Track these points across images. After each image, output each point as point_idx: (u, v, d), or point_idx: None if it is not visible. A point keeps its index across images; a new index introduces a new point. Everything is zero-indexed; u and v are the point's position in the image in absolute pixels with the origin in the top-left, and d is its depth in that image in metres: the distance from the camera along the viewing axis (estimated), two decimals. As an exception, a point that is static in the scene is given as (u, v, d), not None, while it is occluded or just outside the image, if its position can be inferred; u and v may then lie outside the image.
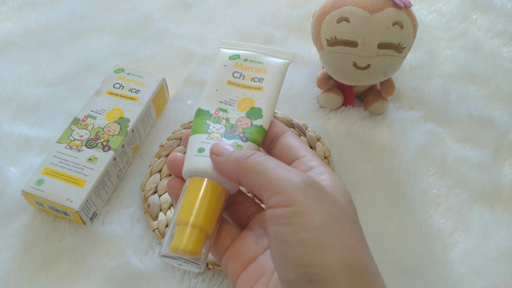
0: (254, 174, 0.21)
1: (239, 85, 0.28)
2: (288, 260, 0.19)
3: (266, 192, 0.20)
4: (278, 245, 0.19)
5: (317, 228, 0.19)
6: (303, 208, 0.19)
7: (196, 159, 0.24)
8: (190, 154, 0.25)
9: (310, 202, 0.19)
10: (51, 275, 0.35)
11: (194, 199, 0.23)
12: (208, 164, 0.24)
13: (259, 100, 0.27)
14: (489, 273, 0.36)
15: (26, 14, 0.57)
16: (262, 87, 0.27)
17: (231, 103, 0.27)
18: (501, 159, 0.44)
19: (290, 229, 0.19)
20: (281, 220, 0.19)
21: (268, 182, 0.20)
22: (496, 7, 0.61)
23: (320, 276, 0.18)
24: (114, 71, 0.45)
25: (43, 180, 0.37)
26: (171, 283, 0.35)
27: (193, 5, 0.60)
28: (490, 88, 0.51)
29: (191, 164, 0.24)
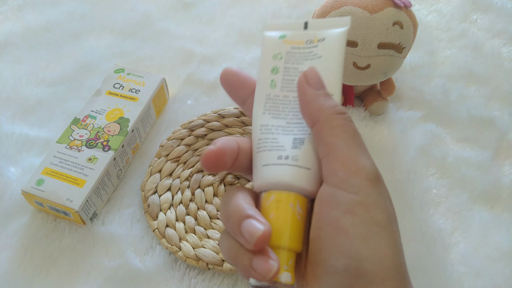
0: (334, 135, 0.19)
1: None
2: (342, 250, 0.18)
3: (335, 163, 0.19)
4: (334, 233, 0.18)
5: (378, 226, 0.18)
6: (369, 202, 0.18)
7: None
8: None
9: (377, 197, 0.19)
10: (51, 275, 0.35)
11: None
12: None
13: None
14: (489, 273, 0.36)
15: (26, 14, 0.57)
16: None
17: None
18: (501, 159, 0.44)
19: (350, 219, 0.18)
20: (343, 207, 0.18)
21: (343, 155, 0.19)
22: (496, 7, 0.61)
23: (370, 272, 0.17)
24: (114, 71, 0.45)
25: (43, 180, 0.37)
26: (171, 283, 0.35)
27: (193, 5, 0.60)
28: (490, 88, 0.51)
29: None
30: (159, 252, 0.37)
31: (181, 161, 0.41)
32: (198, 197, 0.39)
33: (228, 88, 0.23)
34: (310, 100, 0.20)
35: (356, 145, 0.19)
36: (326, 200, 0.19)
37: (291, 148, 0.21)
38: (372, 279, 0.17)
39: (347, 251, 0.18)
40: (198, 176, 0.41)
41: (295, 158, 0.21)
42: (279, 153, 0.21)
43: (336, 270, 0.18)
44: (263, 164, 0.21)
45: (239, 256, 0.19)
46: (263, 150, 0.21)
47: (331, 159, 0.19)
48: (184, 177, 0.40)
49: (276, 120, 0.22)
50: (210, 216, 0.38)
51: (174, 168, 0.41)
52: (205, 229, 0.37)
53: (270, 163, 0.21)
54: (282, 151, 0.21)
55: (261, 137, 0.22)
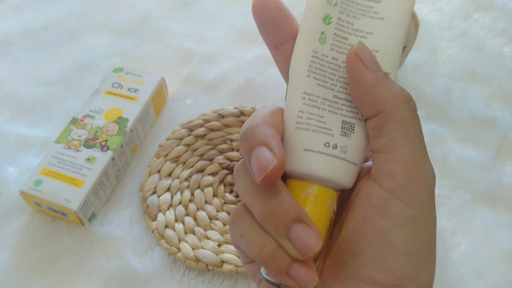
0: (401, 130, 0.17)
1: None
2: (384, 263, 0.17)
3: (396, 165, 0.16)
4: (378, 243, 0.17)
5: (425, 244, 0.17)
6: (424, 217, 0.17)
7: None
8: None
9: (431, 212, 0.17)
10: (50, 276, 0.35)
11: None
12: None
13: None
14: (491, 274, 0.36)
15: (24, 13, 0.57)
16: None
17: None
18: (503, 159, 0.44)
19: (401, 234, 0.16)
20: (396, 218, 0.16)
21: (407, 159, 0.16)
22: (498, 6, 0.60)
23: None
24: (113, 70, 0.45)
25: (41, 180, 0.36)
26: (171, 284, 0.35)
27: (193, 4, 0.59)
28: (492, 87, 0.50)
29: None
30: (158, 253, 0.36)
31: (181, 161, 0.41)
32: (198, 197, 0.39)
33: (261, 21, 0.18)
34: (372, 85, 0.17)
35: (421, 147, 0.17)
36: (375, 205, 0.17)
37: (339, 134, 0.17)
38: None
39: (390, 266, 0.16)
40: (197, 176, 0.40)
41: (344, 150, 0.17)
42: (326, 139, 0.17)
43: (372, 282, 0.17)
44: (305, 147, 0.17)
45: (277, 258, 0.17)
46: (307, 128, 0.17)
47: (392, 159, 0.17)
48: (184, 178, 0.40)
49: (323, 90, 0.18)
50: (209, 217, 0.38)
51: (173, 168, 0.41)
52: (204, 230, 0.37)
53: (314, 149, 0.17)
54: (330, 137, 0.17)
55: (304, 110, 0.18)
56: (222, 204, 0.39)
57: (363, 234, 0.17)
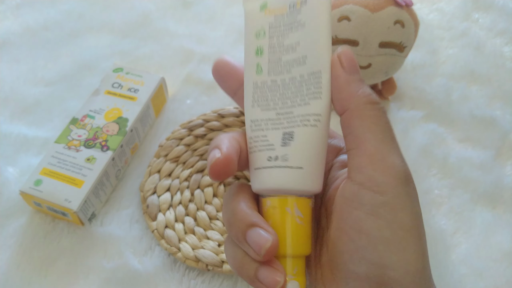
0: (364, 126, 0.17)
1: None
2: (363, 255, 0.17)
3: (362, 158, 0.17)
4: (356, 236, 0.17)
5: (403, 229, 0.17)
6: (396, 203, 0.17)
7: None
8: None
9: (405, 198, 0.17)
10: (50, 276, 0.35)
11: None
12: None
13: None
14: (491, 274, 0.36)
15: (25, 13, 0.57)
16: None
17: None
18: (503, 159, 0.44)
19: (375, 222, 0.17)
20: (368, 208, 0.17)
21: (373, 150, 0.17)
22: (498, 6, 0.60)
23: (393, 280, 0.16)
24: (113, 70, 0.45)
25: (41, 180, 0.36)
26: (170, 284, 0.35)
27: (193, 4, 0.59)
28: (492, 87, 0.50)
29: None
30: (158, 253, 0.36)
31: (180, 161, 0.41)
32: (198, 197, 0.39)
33: (218, 78, 0.22)
34: (342, 84, 0.18)
35: (387, 140, 0.18)
36: (348, 199, 0.18)
37: (280, 145, 0.19)
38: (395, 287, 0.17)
39: (369, 256, 0.17)
40: (197, 176, 0.40)
41: (285, 158, 0.19)
42: (268, 154, 0.19)
43: (358, 276, 0.17)
44: (255, 167, 0.19)
45: (244, 266, 0.18)
46: (254, 150, 0.20)
47: (359, 153, 0.18)
48: (184, 178, 0.40)
49: (265, 113, 0.20)
50: (209, 217, 0.38)
51: (173, 168, 0.41)
52: (204, 230, 0.37)
53: (260, 166, 0.19)
54: (272, 151, 0.19)
55: (252, 135, 0.20)
56: (222, 204, 0.39)
57: (343, 230, 0.18)
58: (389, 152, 0.17)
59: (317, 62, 0.19)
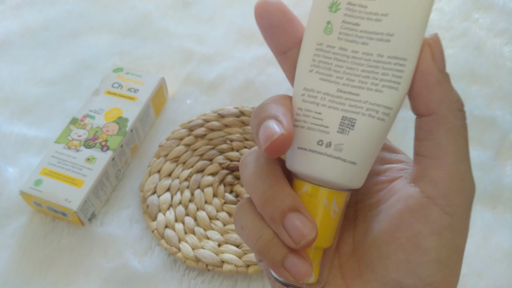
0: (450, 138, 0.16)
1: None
2: (414, 269, 0.16)
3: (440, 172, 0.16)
4: (411, 248, 0.16)
5: (457, 253, 0.17)
6: (460, 227, 0.16)
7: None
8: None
9: (467, 223, 0.17)
10: (50, 276, 0.35)
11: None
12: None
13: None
14: (491, 274, 0.36)
15: (25, 13, 0.57)
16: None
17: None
18: (503, 159, 0.44)
19: (435, 242, 0.16)
20: (433, 227, 0.16)
21: (454, 167, 0.16)
22: (498, 6, 0.60)
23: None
24: (113, 70, 0.45)
25: (41, 180, 0.36)
26: (170, 284, 0.35)
27: (193, 4, 0.59)
28: (492, 87, 0.50)
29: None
30: (158, 253, 0.36)
31: (180, 161, 0.41)
32: (198, 197, 0.39)
33: (265, 27, 0.17)
34: (433, 83, 0.16)
35: (467, 157, 0.17)
36: (413, 210, 0.17)
37: (336, 131, 0.16)
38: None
39: (419, 272, 0.16)
40: (197, 176, 0.40)
41: (339, 148, 0.16)
42: (320, 136, 0.16)
43: (398, 286, 0.17)
44: (299, 146, 0.17)
45: (271, 248, 0.17)
46: (303, 126, 0.17)
47: (437, 165, 0.16)
48: (184, 178, 0.40)
49: (325, 84, 0.17)
50: (209, 217, 0.38)
51: (173, 168, 0.41)
52: (204, 230, 0.37)
53: (307, 148, 0.17)
54: (325, 134, 0.16)
55: (302, 107, 0.17)
56: (222, 204, 0.39)
57: (396, 237, 0.17)
58: (467, 173, 0.17)
59: (405, 46, 0.16)
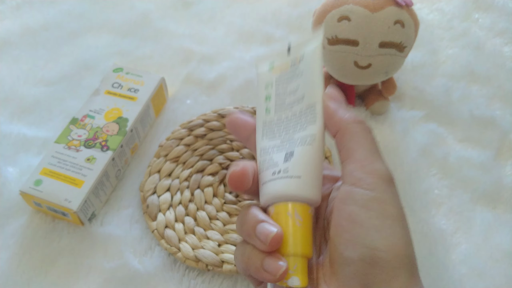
0: (354, 141, 0.22)
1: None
2: (357, 241, 0.20)
3: (353, 164, 0.21)
4: (351, 226, 0.20)
5: (391, 219, 0.20)
6: (384, 198, 0.20)
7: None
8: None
9: (390, 194, 0.21)
10: (50, 276, 0.35)
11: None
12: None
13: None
14: (491, 274, 0.36)
15: (24, 13, 0.57)
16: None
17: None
18: (503, 159, 0.44)
19: (366, 213, 0.20)
20: (360, 202, 0.20)
21: (362, 157, 0.21)
22: (498, 6, 0.60)
23: (384, 261, 0.19)
24: (113, 70, 0.45)
25: (41, 180, 0.36)
26: (170, 284, 0.35)
27: (193, 4, 0.59)
28: (492, 87, 0.50)
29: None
30: (158, 253, 0.36)
31: (180, 161, 0.41)
32: (198, 197, 0.39)
33: (233, 130, 0.26)
34: (333, 112, 0.23)
35: (373, 150, 0.22)
36: (343, 199, 0.21)
37: (283, 162, 0.23)
38: (385, 267, 0.19)
39: (362, 241, 0.20)
40: (197, 176, 0.40)
41: (286, 170, 0.22)
42: (273, 169, 0.23)
43: (352, 260, 0.20)
44: (262, 182, 0.23)
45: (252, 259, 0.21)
46: (262, 170, 0.24)
47: (350, 162, 0.21)
48: (184, 178, 0.40)
49: (272, 141, 0.24)
50: (209, 217, 0.38)
51: (173, 168, 0.41)
52: (204, 230, 0.37)
53: (267, 180, 0.23)
54: (276, 167, 0.23)
55: (260, 160, 0.24)
56: (222, 204, 0.39)
57: (339, 225, 0.21)
58: (376, 160, 0.21)
59: (312, 97, 0.24)
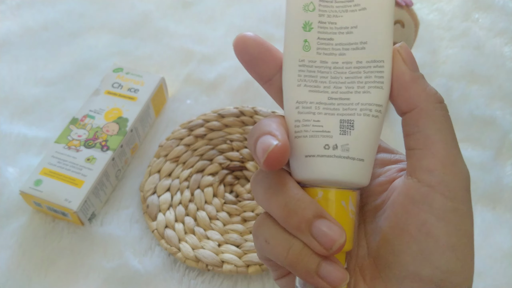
0: (435, 128, 0.17)
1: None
2: (430, 259, 0.17)
3: (433, 160, 0.17)
4: (422, 238, 0.17)
5: (467, 236, 0.17)
6: (464, 210, 0.17)
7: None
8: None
9: (470, 205, 0.17)
10: (50, 276, 0.35)
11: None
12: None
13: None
14: (491, 274, 0.36)
15: (24, 13, 0.57)
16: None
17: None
18: (503, 159, 0.44)
19: (444, 227, 0.17)
20: (438, 212, 0.16)
21: (443, 153, 0.17)
22: (498, 6, 0.60)
23: (453, 285, 0.17)
24: (113, 70, 0.45)
25: (41, 180, 0.36)
26: (170, 284, 0.35)
27: (193, 4, 0.59)
28: (492, 87, 0.50)
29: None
30: (158, 253, 0.36)
31: (180, 161, 0.41)
32: (198, 197, 0.39)
33: (246, 60, 0.18)
34: (408, 82, 0.18)
35: (455, 143, 0.17)
36: (416, 200, 0.17)
37: (339, 134, 0.17)
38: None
39: (436, 261, 0.17)
40: (197, 176, 0.40)
41: (346, 148, 0.17)
42: (325, 141, 0.17)
43: (419, 278, 0.17)
44: (306, 154, 0.18)
45: (304, 259, 0.17)
46: (305, 135, 0.18)
47: (428, 154, 0.17)
48: (184, 178, 0.40)
49: (315, 95, 0.18)
50: (209, 217, 0.38)
51: (173, 168, 0.41)
52: (204, 230, 0.37)
53: (315, 154, 0.18)
54: (329, 138, 0.17)
55: (299, 118, 0.18)
56: (222, 204, 0.39)
57: (405, 230, 0.17)
58: (458, 157, 0.17)
59: (379, 50, 0.18)
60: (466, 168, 0.17)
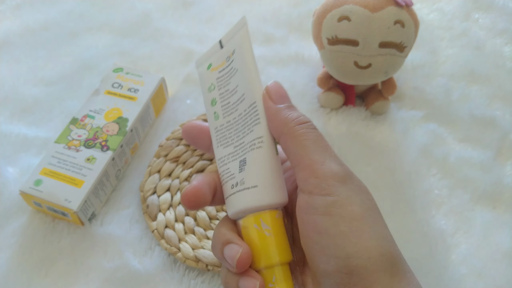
0: (298, 145, 0.20)
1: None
2: (328, 252, 0.18)
3: (305, 171, 0.20)
4: (318, 237, 0.19)
5: (356, 220, 0.18)
6: (343, 199, 0.19)
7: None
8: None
9: (350, 193, 0.19)
10: (50, 276, 0.35)
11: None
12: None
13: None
14: (491, 274, 0.36)
15: (25, 13, 0.57)
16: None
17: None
18: (503, 159, 0.44)
19: (330, 220, 0.19)
20: (321, 210, 0.19)
21: (310, 162, 0.20)
22: (498, 6, 0.60)
23: (360, 267, 0.18)
24: (113, 70, 0.45)
25: (41, 180, 0.36)
26: (170, 284, 0.35)
27: (193, 4, 0.59)
28: (492, 87, 0.50)
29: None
30: (158, 253, 0.36)
31: (180, 161, 0.41)
32: (198, 197, 0.39)
33: (190, 141, 0.25)
34: (274, 114, 0.21)
35: (320, 150, 0.20)
36: (304, 208, 0.20)
37: (238, 172, 0.22)
38: (363, 274, 0.18)
39: (333, 252, 0.18)
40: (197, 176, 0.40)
41: (242, 182, 0.21)
42: (232, 182, 0.22)
43: (329, 273, 0.19)
44: (225, 196, 0.23)
45: (228, 281, 0.21)
46: (223, 183, 0.23)
47: (300, 168, 0.20)
48: (184, 177, 0.40)
49: (227, 149, 0.23)
50: (209, 217, 0.38)
51: (173, 168, 0.41)
52: (204, 230, 0.37)
53: (228, 195, 0.22)
54: (233, 179, 0.22)
55: (220, 171, 0.23)
56: (222, 204, 0.39)
57: (307, 236, 0.20)
58: (325, 160, 0.20)
59: (252, 95, 0.22)
60: (335, 166, 0.20)
